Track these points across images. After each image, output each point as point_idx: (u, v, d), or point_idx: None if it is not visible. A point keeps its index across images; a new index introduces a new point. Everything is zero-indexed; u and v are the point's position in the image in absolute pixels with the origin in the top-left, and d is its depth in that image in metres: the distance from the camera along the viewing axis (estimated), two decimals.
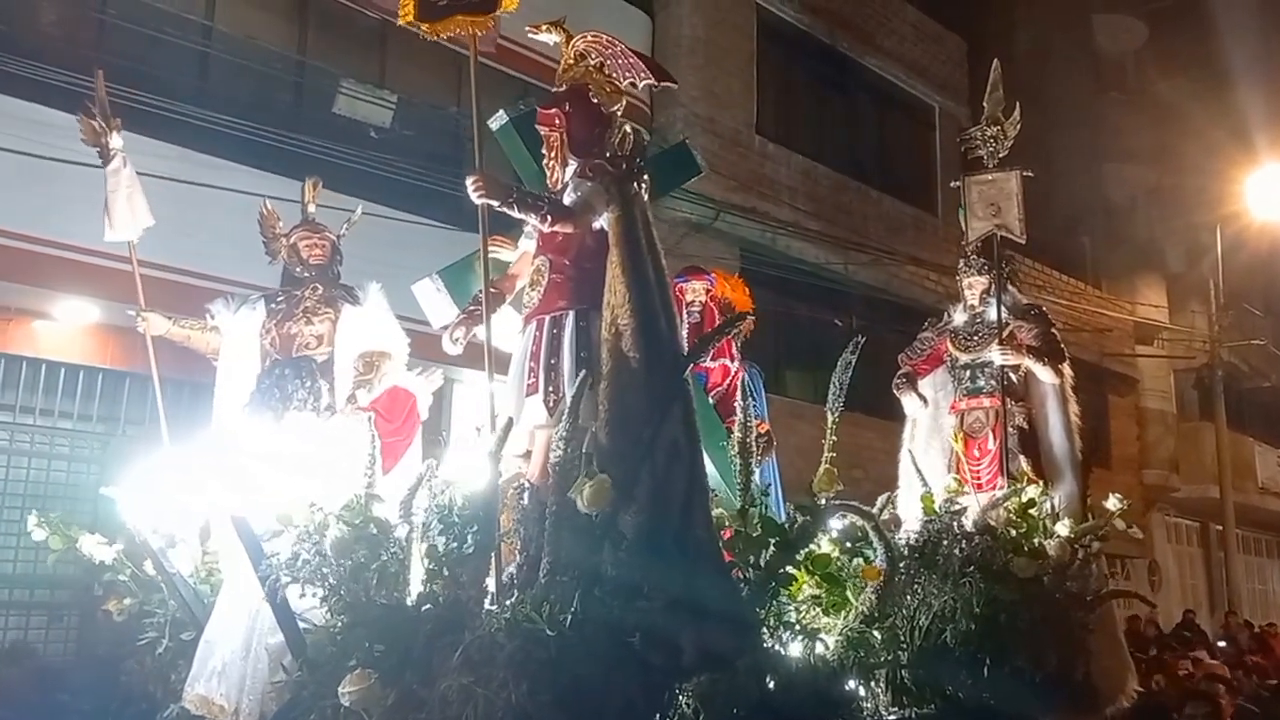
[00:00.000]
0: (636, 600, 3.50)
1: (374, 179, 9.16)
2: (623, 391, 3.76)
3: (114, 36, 8.61)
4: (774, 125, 13.71)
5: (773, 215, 12.97)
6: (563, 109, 4.18)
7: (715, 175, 12.63)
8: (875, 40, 14.88)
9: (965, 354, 6.08)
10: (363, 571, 3.36)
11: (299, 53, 9.92)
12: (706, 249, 12.49)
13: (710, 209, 12.40)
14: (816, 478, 3.91)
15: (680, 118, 12.84)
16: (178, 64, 8.95)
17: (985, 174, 6.15)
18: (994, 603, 4.58)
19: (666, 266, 4.13)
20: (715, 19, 13.22)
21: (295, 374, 4.34)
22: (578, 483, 3.32)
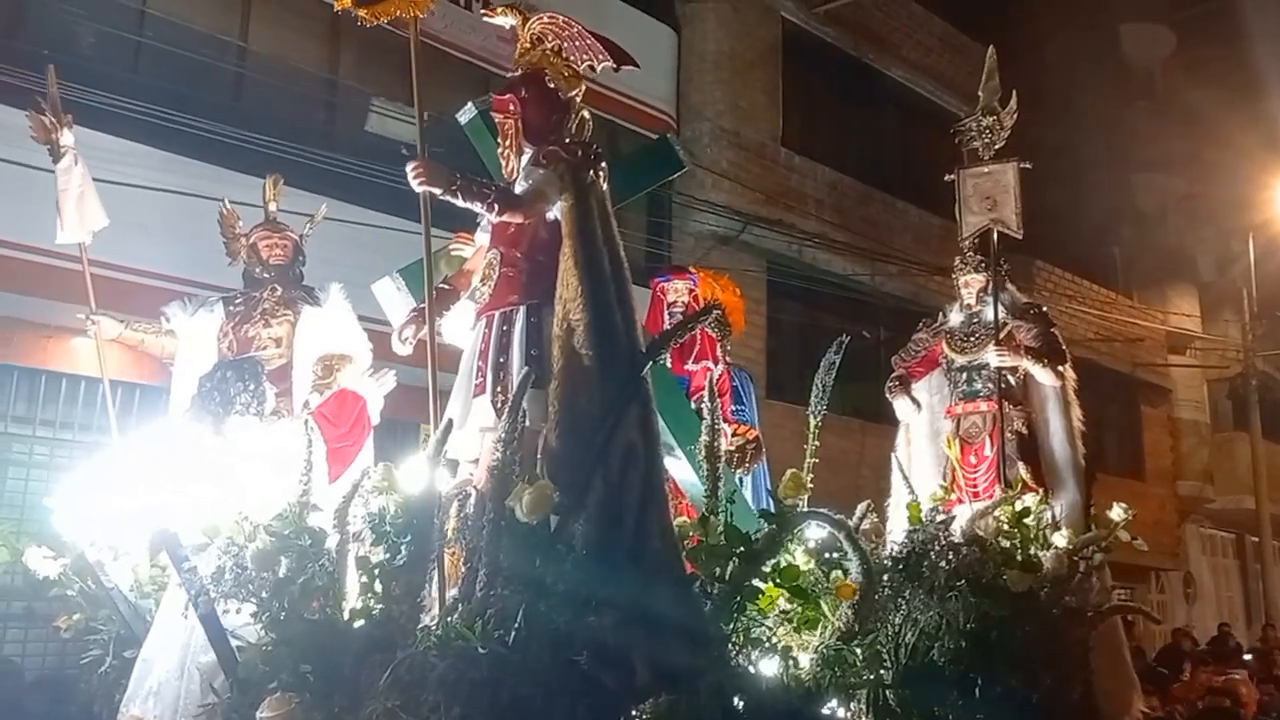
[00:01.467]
0: (585, 615, 3.25)
1: (405, 195, 9.02)
2: (575, 391, 3.52)
3: (151, 59, 8.72)
4: (800, 138, 13.67)
5: (799, 227, 12.94)
6: (518, 95, 3.96)
7: (741, 188, 12.79)
8: (901, 52, 14.75)
9: (961, 356, 5.79)
10: (288, 585, 3.12)
11: (331, 72, 10.05)
12: (733, 261, 12.42)
13: (736, 221, 12.43)
14: (782, 483, 3.64)
15: (706, 131, 12.88)
16: (214, 85, 9.05)
17: (980, 166, 5.88)
18: (985, 619, 4.30)
19: (625, 259, 3.89)
20: (740, 32, 13.21)
21: (238, 376, 4.11)
22: (517, 489, 3.07)
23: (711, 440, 3.82)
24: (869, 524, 4.10)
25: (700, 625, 3.46)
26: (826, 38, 13.96)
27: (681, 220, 12.71)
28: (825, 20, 13.82)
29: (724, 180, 12.71)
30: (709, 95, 13.00)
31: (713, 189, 12.62)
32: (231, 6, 9.49)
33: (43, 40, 8.13)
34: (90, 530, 4.15)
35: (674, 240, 12.69)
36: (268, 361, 4.88)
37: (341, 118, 10.12)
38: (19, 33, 8.23)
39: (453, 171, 3.57)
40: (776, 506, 3.60)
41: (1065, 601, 4.56)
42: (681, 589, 3.46)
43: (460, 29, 10.60)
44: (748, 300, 12.87)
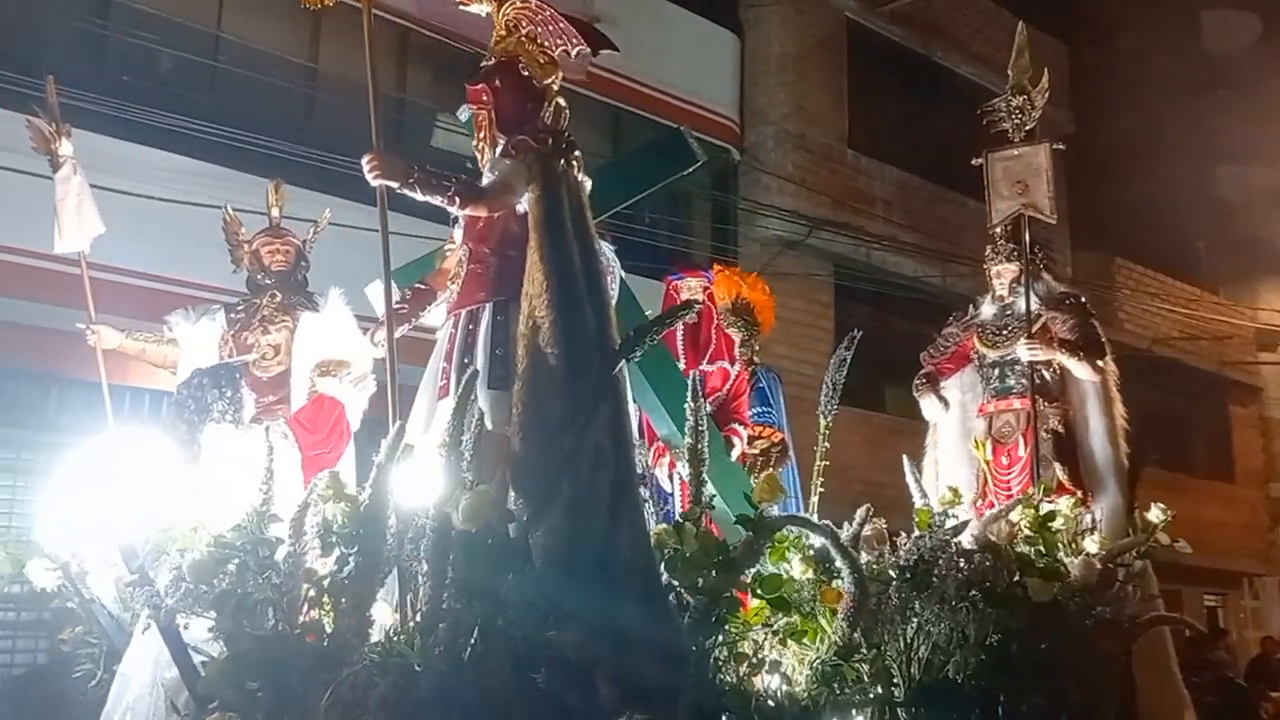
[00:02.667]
0: (546, 629, 3.06)
1: None
2: (540, 392, 3.33)
3: (226, 81, 8.97)
4: (866, 138, 13.47)
5: (867, 230, 12.76)
6: (491, 84, 3.79)
7: (807, 191, 12.68)
8: (970, 48, 14.40)
9: (993, 350, 5.46)
10: (228, 599, 2.98)
11: (399, 90, 10.19)
12: (799, 266, 12.35)
13: (803, 225, 12.28)
14: (757, 486, 3.41)
15: (770, 135, 12.78)
16: (284, 106, 9.30)
17: (1011, 149, 5.54)
18: (1005, 631, 4.00)
19: (604, 251, 3.70)
20: (804, 34, 13.09)
21: (214, 383, 4.02)
22: (455, 494, 2.89)
23: (695, 443, 3.60)
24: (870, 529, 3.83)
25: (675, 640, 3.24)
26: (893, 36, 13.75)
27: (746, 226, 12.63)
28: (891, 19, 13.60)
29: (789, 184, 12.58)
30: (773, 98, 12.88)
31: (778, 193, 12.50)
32: (302, 29, 9.71)
33: (124, 67, 8.51)
34: (72, 539, 4.08)
35: (739, 246, 12.60)
36: (266, 369, 4.81)
37: (410, 135, 10.24)
38: (98, 59, 8.54)
39: (410, 163, 3.42)
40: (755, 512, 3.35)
41: (1097, 612, 4.22)
42: (654, 601, 3.24)
43: None
44: (815, 305, 12.87)
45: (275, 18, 9.52)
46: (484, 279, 3.58)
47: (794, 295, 12.51)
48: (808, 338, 12.65)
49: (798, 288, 12.50)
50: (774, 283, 12.40)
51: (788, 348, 12.49)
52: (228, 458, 3.90)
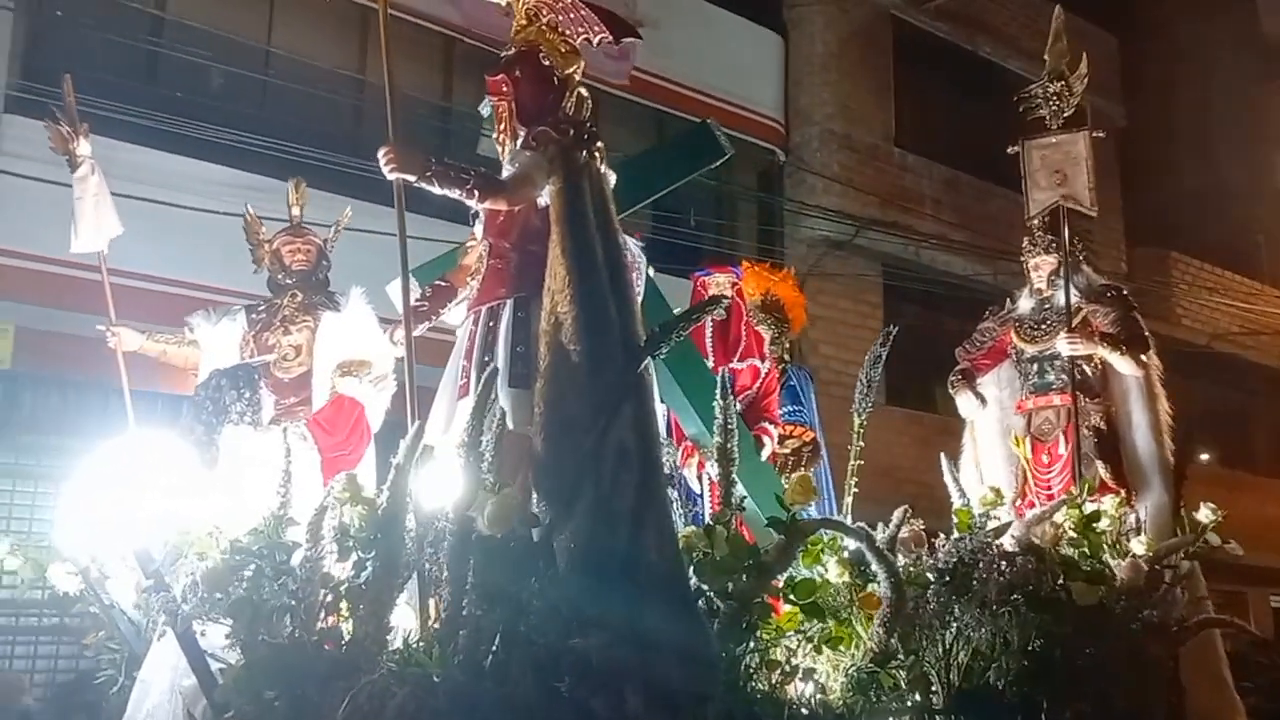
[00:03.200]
0: (570, 636, 2.95)
1: None
2: (562, 391, 3.23)
3: (276, 95, 9.11)
4: (913, 136, 13.35)
5: (915, 228, 12.63)
6: (511, 75, 3.69)
7: (854, 191, 12.60)
8: (1019, 43, 14.09)
9: (1031, 345, 5.30)
10: (244, 606, 2.90)
11: (444, 99, 10.34)
12: (847, 267, 12.28)
13: (850, 225, 12.21)
14: (789, 487, 3.28)
15: (815, 135, 12.70)
16: (334, 117, 9.45)
17: (1048, 136, 5.38)
18: (1048, 636, 3.85)
19: (630, 247, 3.58)
20: (849, 33, 13.00)
21: (232, 384, 3.95)
22: (480, 498, 2.79)
23: (725, 443, 3.48)
24: (908, 531, 3.69)
25: (704, 646, 3.12)
26: (939, 33, 13.60)
27: (792, 227, 12.57)
28: (936, 15, 13.47)
29: (835, 184, 12.50)
30: (817, 98, 12.81)
31: (824, 193, 12.43)
32: (350, 42, 9.87)
33: (175, 84, 8.63)
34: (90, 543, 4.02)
35: (785, 247, 12.53)
36: (287, 369, 4.74)
37: (455, 143, 10.20)
38: (155, 77, 8.74)
39: (428, 156, 3.32)
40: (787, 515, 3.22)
41: (1144, 616, 4.06)
42: (682, 606, 3.12)
43: None
44: (863, 305, 12.73)
45: (323, 31, 9.71)
46: (505, 274, 3.48)
47: (841, 296, 12.47)
48: (856, 339, 12.53)
49: (845, 288, 12.47)
50: (821, 284, 12.57)
51: (835, 349, 12.41)
52: (246, 459, 3.82)
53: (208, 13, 8.96)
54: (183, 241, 7.80)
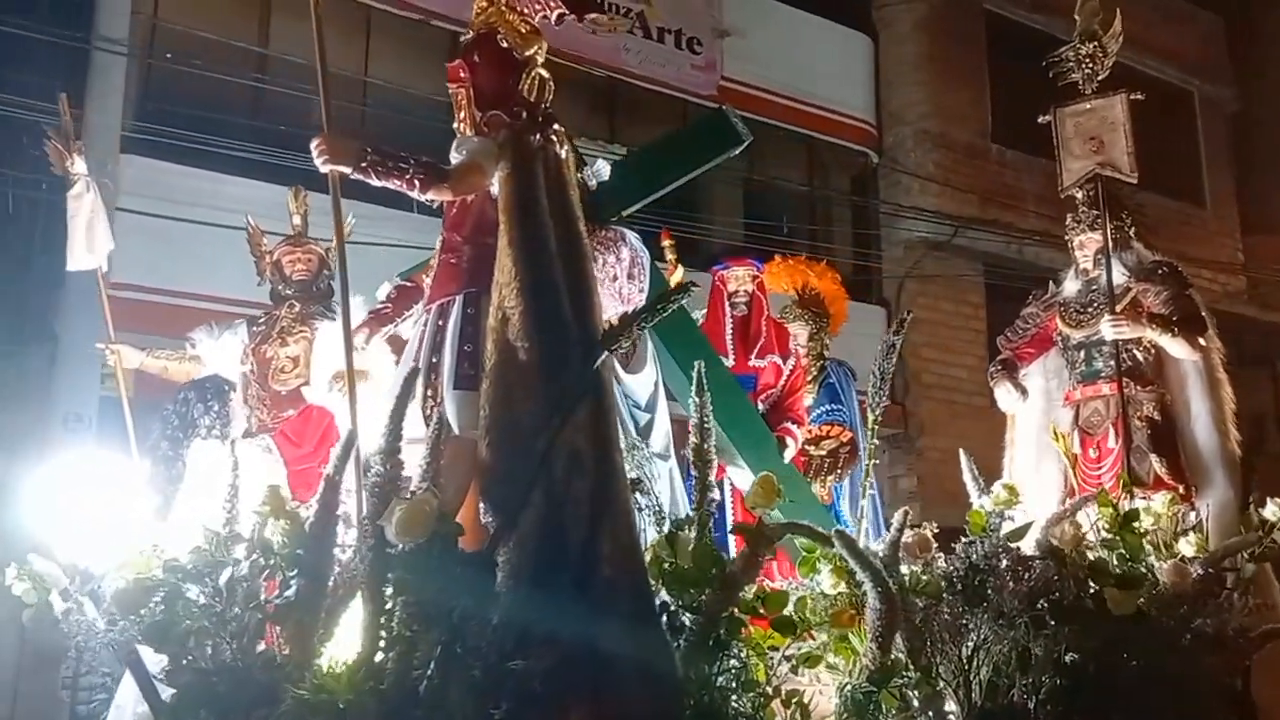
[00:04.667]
0: (513, 658, 2.70)
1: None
2: (510, 392, 2.99)
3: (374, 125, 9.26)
4: (1011, 132, 12.85)
5: (1017, 225, 12.23)
6: (469, 60, 3.47)
7: (951, 190, 12.31)
8: None
9: (1077, 330, 4.85)
10: (160, 629, 2.72)
11: None
12: (947, 268, 12.01)
13: (948, 225, 11.95)
14: (750, 491, 2.98)
15: (909, 136, 12.50)
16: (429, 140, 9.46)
17: (1082, 102, 4.94)
18: (1081, 649, 3.46)
19: (630, 240, 3.30)
20: (940, 31, 12.72)
21: (199, 398, 3.81)
22: (389, 506, 2.57)
23: (701, 443, 3.20)
24: (911, 536, 3.35)
25: (666, 666, 2.84)
26: (1035, 25, 13.04)
27: (889, 230, 12.37)
28: (1032, 7, 12.94)
29: (931, 184, 12.21)
30: (910, 98, 12.56)
31: (920, 194, 12.18)
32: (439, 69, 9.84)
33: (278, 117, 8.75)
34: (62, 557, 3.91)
35: (882, 250, 12.36)
36: (285, 381, 4.61)
37: None
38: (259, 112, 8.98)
39: (363, 145, 3.12)
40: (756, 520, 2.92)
41: (1197, 625, 3.62)
42: (641, 623, 2.85)
43: (653, 63, 11.16)
44: (965, 306, 12.31)
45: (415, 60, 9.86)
46: (456, 269, 3.26)
47: (942, 297, 12.20)
48: (958, 340, 12.27)
49: (946, 290, 12.19)
50: (920, 286, 12.33)
51: (937, 351, 12.06)
52: (213, 474, 3.67)
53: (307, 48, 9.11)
54: None
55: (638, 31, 11.38)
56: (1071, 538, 3.30)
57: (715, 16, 11.78)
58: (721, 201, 12.42)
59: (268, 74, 9.15)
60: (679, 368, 4.79)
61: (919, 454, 11.84)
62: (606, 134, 10.90)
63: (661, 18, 11.58)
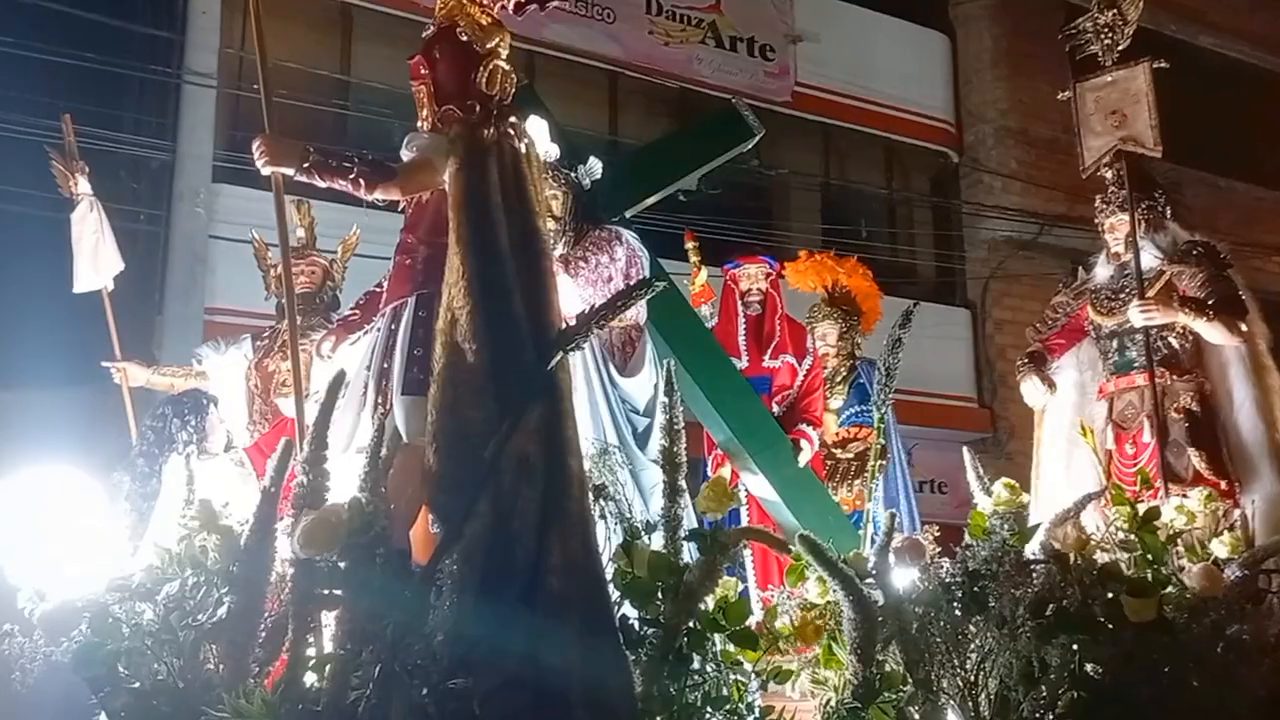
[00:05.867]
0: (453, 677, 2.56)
1: (677, 239, 9.49)
2: (458, 395, 2.85)
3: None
4: None
5: None
6: (429, 56, 3.35)
7: (1035, 188, 12.06)
8: (1206, 17, 13.23)
9: (1108, 318, 4.54)
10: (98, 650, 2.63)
11: (610, 132, 10.68)
12: (1033, 266, 11.69)
13: (1033, 224, 11.74)
14: (702, 494, 2.78)
15: (989, 134, 12.32)
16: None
17: (1102, 75, 4.64)
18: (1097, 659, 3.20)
19: (627, 239, 3.14)
20: (1018, 26, 12.43)
21: (176, 413, 3.75)
22: (298, 518, 2.45)
23: (670, 445, 3.02)
24: (901, 540, 3.12)
25: (620, 684, 2.67)
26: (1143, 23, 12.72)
27: (971, 230, 12.19)
28: None
29: (1014, 182, 11.98)
30: (989, 96, 12.35)
31: (1003, 192, 11.98)
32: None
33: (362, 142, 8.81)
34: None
35: (965, 251, 12.20)
36: (287, 394, 4.55)
37: None
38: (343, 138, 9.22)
39: (305, 146, 3.02)
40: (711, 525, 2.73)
41: (1232, 633, 3.32)
42: (594, 638, 2.68)
43: (726, 72, 11.15)
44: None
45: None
46: (410, 271, 3.14)
47: (1029, 297, 11.84)
48: None
49: (1033, 289, 11.82)
50: (1006, 286, 12.07)
51: None
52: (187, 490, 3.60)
53: (386, 73, 9.23)
54: None
55: (710, 41, 11.40)
56: (1075, 540, 3.03)
57: (787, 23, 11.81)
58: (799, 206, 12.28)
59: (350, 100, 9.41)
60: (685, 370, 4.63)
61: (1008, 458, 11.46)
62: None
63: (733, 26, 11.59)
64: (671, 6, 11.36)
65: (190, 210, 8.86)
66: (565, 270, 4.12)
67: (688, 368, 4.63)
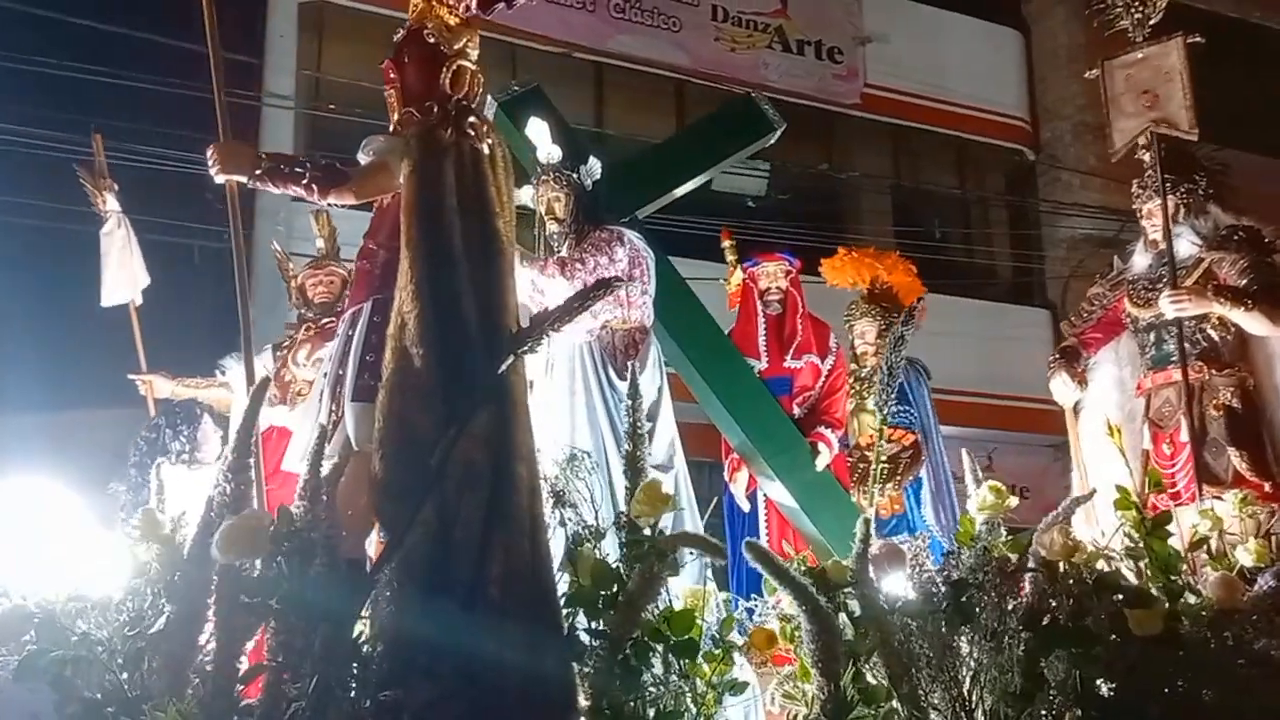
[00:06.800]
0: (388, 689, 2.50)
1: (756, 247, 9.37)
2: (406, 402, 2.80)
3: None
4: None
5: None
6: (398, 61, 3.32)
7: (1115, 183, 11.56)
8: None
9: (1144, 310, 4.26)
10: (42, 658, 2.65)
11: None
12: None
13: (1114, 220, 11.27)
14: (635, 498, 2.65)
15: (1067, 130, 12.07)
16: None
17: (1133, 52, 4.36)
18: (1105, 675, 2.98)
19: (631, 239, 3.08)
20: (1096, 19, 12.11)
21: (169, 423, 3.78)
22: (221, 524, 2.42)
23: (634, 449, 2.92)
24: (880, 547, 2.95)
25: (563, 698, 2.58)
26: (1196, 4, 12.17)
27: (1050, 229, 11.97)
28: None
29: (1093, 179, 11.62)
30: (1065, 92, 12.03)
31: (1081, 189, 11.72)
32: (587, 95, 10.61)
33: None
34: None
35: (1044, 250, 11.98)
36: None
37: None
38: None
39: (258, 153, 3.01)
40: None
41: (1261, 648, 3.05)
42: (536, 650, 2.59)
43: (794, 76, 11.22)
44: None
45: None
46: (369, 276, 3.11)
47: None
48: None
49: None
50: (1087, 285, 11.44)
51: None
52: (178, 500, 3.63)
53: None
54: None
55: (776, 46, 11.29)
56: (1062, 547, 2.82)
57: (855, 24, 11.71)
58: (870, 209, 12.08)
59: None
60: (696, 372, 4.52)
61: None
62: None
63: (800, 30, 11.50)
64: (738, 12, 11.30)
65: (272, 229, 9.09)
66: (562, 273, 4.05)
67: (700, 370, 4.52)
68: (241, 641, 2.49)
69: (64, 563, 3.02)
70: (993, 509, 2.96)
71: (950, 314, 10.71)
